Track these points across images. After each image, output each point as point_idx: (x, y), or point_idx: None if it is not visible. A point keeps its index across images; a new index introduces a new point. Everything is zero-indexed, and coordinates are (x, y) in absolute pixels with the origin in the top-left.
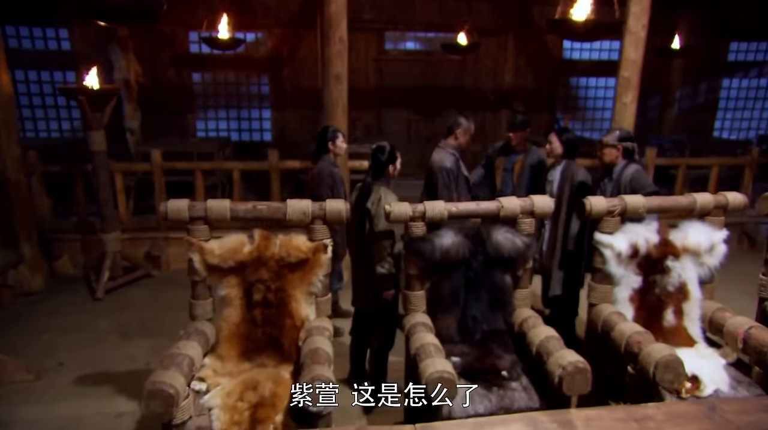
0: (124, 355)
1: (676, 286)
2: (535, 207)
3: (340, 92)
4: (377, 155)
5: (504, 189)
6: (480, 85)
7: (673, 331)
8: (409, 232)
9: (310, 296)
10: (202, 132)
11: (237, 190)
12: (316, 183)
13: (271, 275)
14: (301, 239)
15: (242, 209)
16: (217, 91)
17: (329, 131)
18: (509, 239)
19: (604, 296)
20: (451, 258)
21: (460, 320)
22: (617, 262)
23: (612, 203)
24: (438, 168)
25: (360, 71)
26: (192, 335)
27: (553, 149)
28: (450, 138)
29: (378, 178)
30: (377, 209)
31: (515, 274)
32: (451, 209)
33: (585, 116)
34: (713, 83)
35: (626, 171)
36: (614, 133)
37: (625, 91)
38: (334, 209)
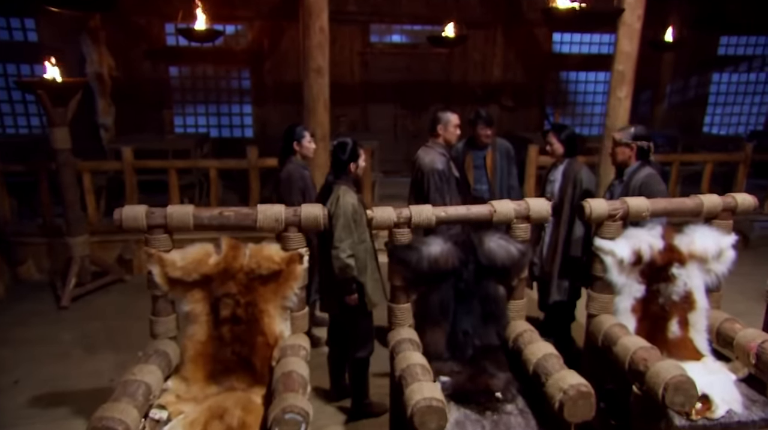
0: (88, 371)
1: (682, 295)
2: (530, 211)
3: (321, 86)
4: (337, 153)
5: (478, 187)
6: (468, 79)
7: (679, 343)
8: (393, 239)
9: (284, 311)
10: (180, 128)
11: (214, 190)
12: (287, 187)
13: (240, 288)
14: (273, 249)
15: (207, 216)
16: (195, 85)
17: (295, 130)
18: (503, 247)
19: (604, 307)
20: (440, 268)
21: (449, 335)
22: (619, 270)
23: (613, 206)
24: (429, 171)
25: (344, 65)
26: (152, 357)
27: (554, 150)
28: (434, 135)
29: (339, 177)
30: (335, 210)
31: (509, 284)
32: (440, 214)
33: (575, 111)
34: (703, 78)
35: (638, 174)
36: (628, 131)
37: (620, 86)
38: (310, 215)
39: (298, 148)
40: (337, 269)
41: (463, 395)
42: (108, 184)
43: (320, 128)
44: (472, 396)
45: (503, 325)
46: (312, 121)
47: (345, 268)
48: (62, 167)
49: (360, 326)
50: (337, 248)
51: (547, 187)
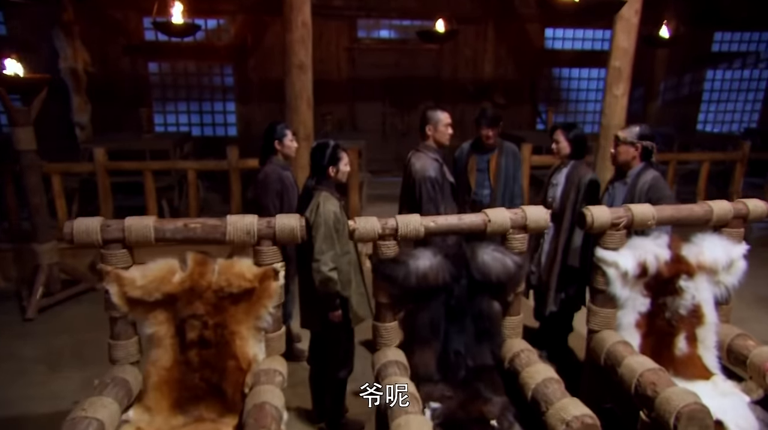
0: (50, 392)
1: (689, 309)
2: (528, 220)
3: (303, 83)
4: (316, 156)
5: (479, 191)
6: (458, 75)
7: (686, 361)
8: (378, 252)
9: (258, 332)
10: (161, 127)
11: (193, 193)
12: (262, 189)
13: (208, 308)
14: (245, 264)
15: (170, 229)
16: (176, 82)
17: (276, 129)
18: (498, 260)
19: (606, 322)
20: (429, 283)
21: (440, 356)
22: (622, 282)
23: (617, 215)
24: (421, 178)
25: (331, 61)
26: (108, 387)
27: (560, 149)
28: (425, 138)
29: (320, 183)
30: (315, 218)
31: (504, 299)
32: (429, 225)
33: (568, 109)
34: (697, 75)
35: (643, 177)
36: (633, 129)
37: (616, 83)
38: (286, 227)
39: (279, 148)
40: (319, 284)
41: (455, 424)
42: (81, 187)
43: (303, 127)
44: (465, 425)
45: (498, 343)
46: (295, 120)
47: (327, 282)
48: (26, 170)
49: (342, 344)
50: (318, 261)
51: (548, 190)
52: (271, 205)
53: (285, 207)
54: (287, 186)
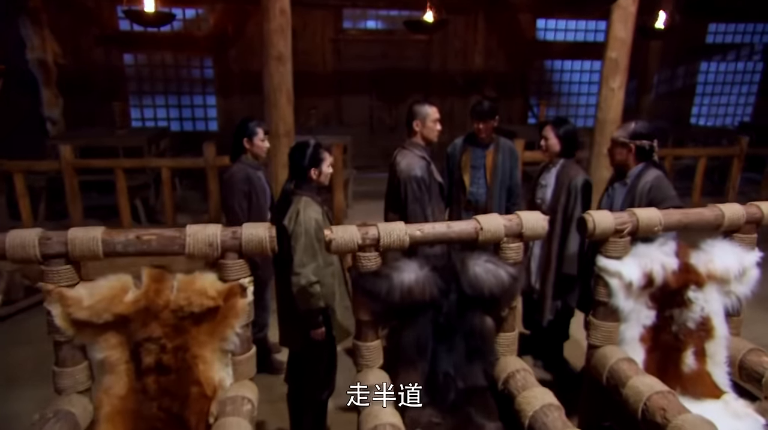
0: (4, 412)
1: (698, 321)
2: (524, 227)
3: (282, 75)
4: (295, 157)
5: (475, 190)
6: (448, 67)
7: (695, 378)
8: (357, 265)
9: (224, 355)
10: (138, 122)
11: (167, 193)
12: (227, 190)
13: (166, 330)
14: (207, 280)
15: (121, 242)
16: (153, 74)
17: (248, 126)
18: (491, 272)
19: (608, 337)
20: (415, 299)
21: (427, 377)
22: (626, 294)
23: (621, 220)
24: (406, 178)
25: (315, 53)
26: (49, 423)
27: (550, 146)
28: (412, 134)
29: (299, 187)
30: (294, 227)
31: (498, 314)
32: (414, 234)
33: (560, 103)
34: (691, 67)
35: (644, 177)
36: (626, 128)
37: (613, 75)
38: (253, 238)
39: (248, 147)
40: (300, 300)
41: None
42: (49, 185)
43: (283, 123)
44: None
45: (491, 362)
46: (274, 115)
47: (309, 298)
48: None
49: (324, 363)
50: (299, 275)
51: (537, 191)
52: (237, 207)
53: (254, 210)
54: (256, 187)
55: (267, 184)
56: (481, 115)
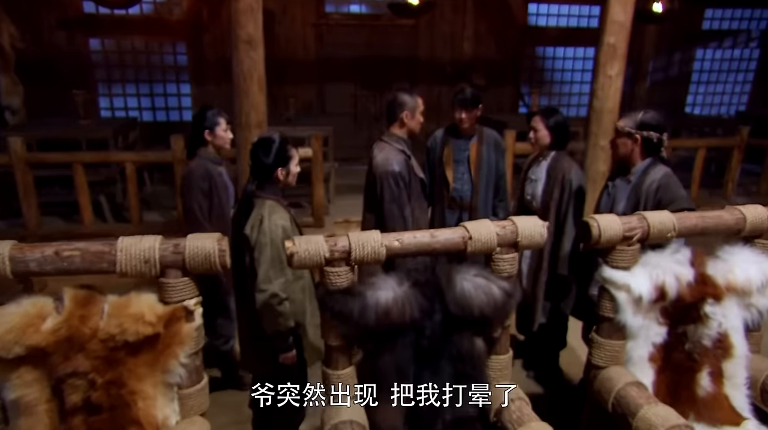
0: None
1: (715, 338)
2: (520, 236)
3: (253, 61)
4: (258, 154)
5: (459, 186)
6: (435, 54)
7: (711, 402)
8: (325, 281)
9: (168, 389)
10: (107, 112)
11: (132, 189)
12: (185, 188)
13: (95, 363)
14: (145, 302)
15: (35, 259)
16: (122, 61)
17: (207, 116)
18: (481, 288)
19: (613, 356)
20: (393, 321)
21: (409, 408)
22: (635, 309)
23: (629, 226)
24: (382, 174)
25: (296, 39)
26: None
27: (539, 138)
28: (395, 126)
29: (263, 188)
30: (258, 236)
31: (490, 334)
32: (392, 245)
33: (552, 91)
34: (687, 54)
35: (651, 174)
36: (633, 117)
37: (610, 61)
38: (198, 252)
39: (209, 139)
40: (267, 320)
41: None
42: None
43: (255, 113)
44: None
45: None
46: (245, 104)
47: (277, 318)
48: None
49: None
50: (265, 291)
51: (526, 187)
52: (197, 208)
53: (215, 210)
54: (218, 185)
55: (229, 181)
56: (463, 104)
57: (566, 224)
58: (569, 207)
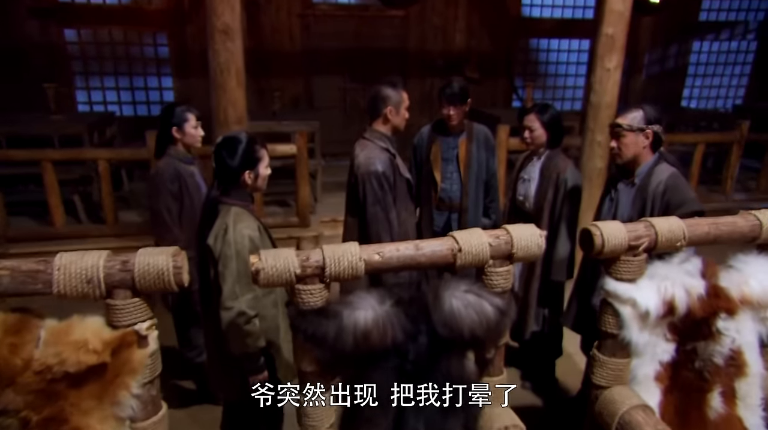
0: None
1: (727, 356)
2: (515, 247)
3: (231, 53)
4: (222, 156)
5: (447, 186)
6: (426, 46)
7: (722, 424)
8: (296, 300)
9: (119, 424)
10: (85, 106)
11: (106, 189)
12: (153, 190)
13: (29, 398)
14: (89, 327)
15: None
16: (100, 53)
17: (175, 112)
18: (472, 306)
19: (617, 376)
20: (373, 345)
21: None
22: (641, 325)
23: (636, 234)
24: (364, 174)
25: (282, 31)
26: None
27: (535, 138)
28: (378, 122)
29: (228, 193)
30: (222, 248)
31: (482, 355)
32: (371, 258)
33: (547, 84)
34: (683, 46)
35: (656, 175)
36: (637, 113)
37: (609, 53)
38: (150, 270)
39: (178, 136)
40: (234, 341)
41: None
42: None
43: (233, 108)
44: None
45: (473, 415)
46: (222, 99)
47: (245, 338)
48: None
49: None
50: (230, 310)
51: (519, 187)
52: (165, 212)
53: (185, 214)
54: (188, 186)
55: (202, 182)
56: (451, 99)
57: (561, 226)
58: (564, 208)
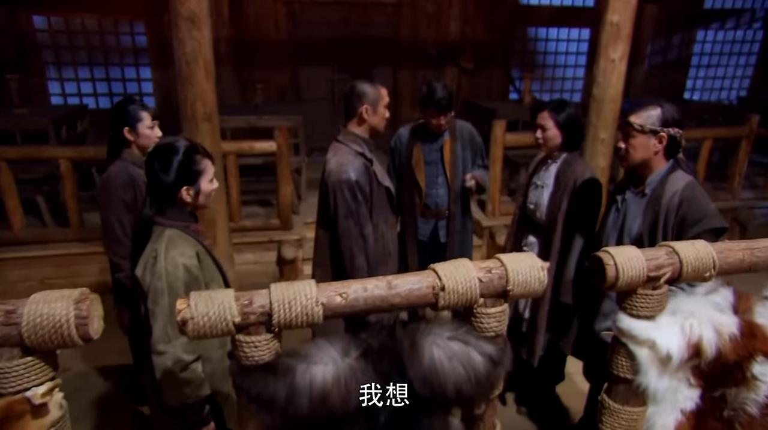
0: None
1: (763, 404)
2: (511, 282)
3: (198, 43)
4: (153, 169)
5: (432, 191)
6: (419, 35)
7: None
8: (238, 354)
9: None
10: (59, 98)
11: (69, 191)
12: (103, 199)
13: None
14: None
15: None
16: (73, 42)
17: (127, 110)
18: (457, 357)
19: (630, 426)
20: (334, 407)
21: None
22: (660, 370)
23: (656, 262)
24: (336, 183)
25: (267, 18)
26: None
27: (548, 139)
28: (352, 123)
29: (163, 212)
30: (152, 280)
31: (470, 412)
32: (334, 301)
33: (545, 75)
34: (687, 35)
35: (671, 185)
36: (654, 111)
37: (613, 43)
38: (44, 322)
39: (131, 138)
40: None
41: None
42: None
43: (202, 103)
44: None
45: None
46: (190, 93)
47: (182, 388)
48: None
49: None
50: (163, 354)
51: (530, 194)
52: (116, 224)
53: None
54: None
55: None
56: (442, 107)
57: (574, 242)
58: (579, 222)
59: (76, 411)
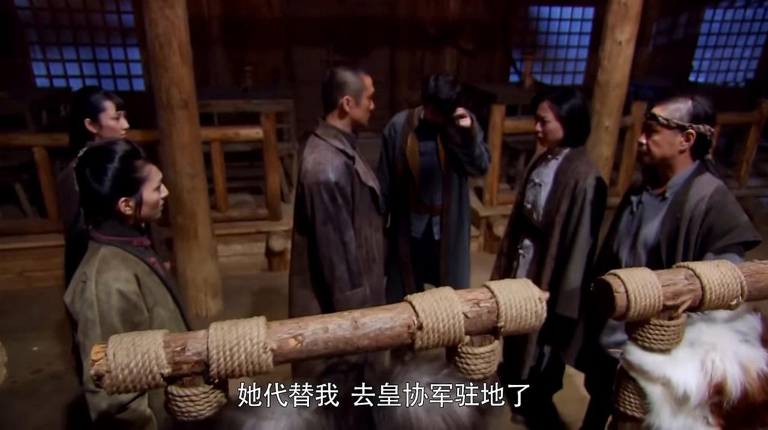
0: None
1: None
2: (502, 318)
3: (172, 23)
4: (84, 176)
5: (428, 185)
6: (417, 14)
7: None
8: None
9: None
10: (44, 80)
11: (45, 180)
12: (63, 199)
13: None
14: None
15: None
16: (57, 21)
17: (89, 100)
18: (438, 411)
19: None
20: None
21: None
22: (675, 409)
23: (674, 289)
24: (313, 185)
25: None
26: None
27: (548, 132)
28: (332, 115)
29: (100, 226)
30: (82, 309)
31: None
32: (286, 345)
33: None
34: (695, 14)
35: (697, 189)
36: (683, 104)
37: (620, 24)
38: None
39: (93, 130)
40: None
41: None
42: None
43: (178, 89)
44: None
45: None
46: (164, 78)
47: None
48: None
49: None
50: (96, 393)
51: (527, 192)
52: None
53: None
54: None
55: None
56: (445, 111)
57: (574, 248)
58: (580, 225)
59: (48, 413)
